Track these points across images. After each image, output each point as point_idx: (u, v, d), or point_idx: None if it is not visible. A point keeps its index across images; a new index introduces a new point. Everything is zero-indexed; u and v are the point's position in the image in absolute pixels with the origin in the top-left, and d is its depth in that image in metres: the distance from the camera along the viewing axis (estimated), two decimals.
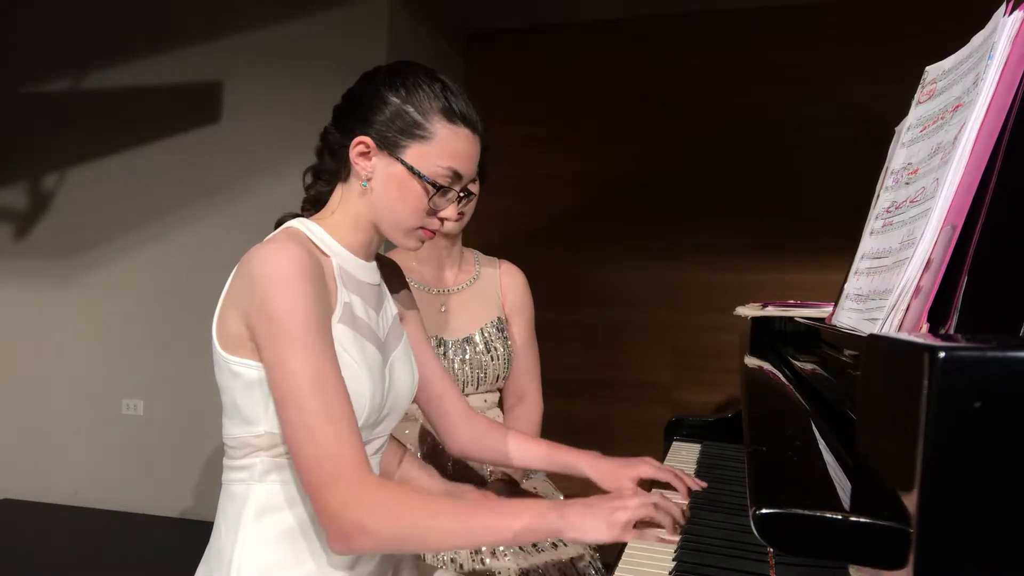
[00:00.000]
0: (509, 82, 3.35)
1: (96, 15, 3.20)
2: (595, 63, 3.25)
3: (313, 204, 1.13)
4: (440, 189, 1.04)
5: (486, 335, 1.58)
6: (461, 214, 1.56)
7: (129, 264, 3.21)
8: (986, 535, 0.42)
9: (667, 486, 1.16)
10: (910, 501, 0.44)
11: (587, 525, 0.88)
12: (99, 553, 2.80)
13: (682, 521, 0.96)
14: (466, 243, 1.69)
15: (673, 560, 0.95)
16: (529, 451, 1.25)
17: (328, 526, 0.89)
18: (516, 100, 3.32)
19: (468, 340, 1.57)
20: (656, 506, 0.92)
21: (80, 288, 3.26)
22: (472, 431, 1.25)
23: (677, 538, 0.98)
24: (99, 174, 3.23)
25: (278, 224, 1.11)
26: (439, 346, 1.54)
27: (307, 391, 0.91)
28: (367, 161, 1.04)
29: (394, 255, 1.60)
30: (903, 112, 1.01)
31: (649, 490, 1.09)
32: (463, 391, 1.56)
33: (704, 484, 1.16)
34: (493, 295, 1.64)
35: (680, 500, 1.09)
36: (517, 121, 3.27)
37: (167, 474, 3.13)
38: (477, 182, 1.55)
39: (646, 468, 1.17)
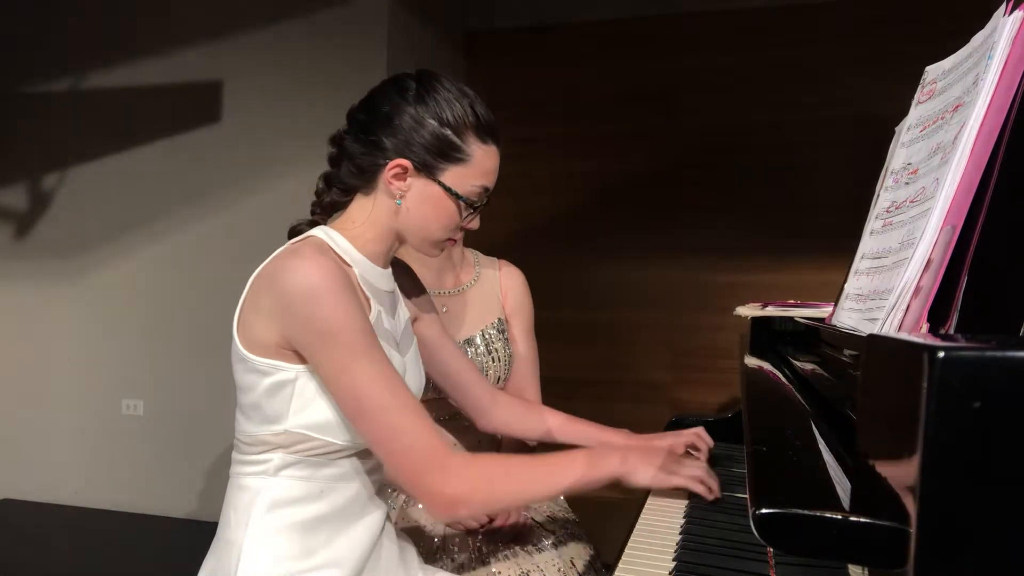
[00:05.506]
0: (509, 82, 3.34)
1: (96, 15, 3.20)
2: (595, 63, 3.25)
3: (326, 211, 1.13)
4: (474, 207, 1.07)
5: (487, 336, 1.58)
6: None
7: (129, 264, 3.20)
8: (986, 535, 0.42)
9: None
10: (910, 501, 0.44)
11: (643, 471, 1.04)
12: (99, 553, 2.80)
13: (719, 495, 1.09)
14: (466, 243, 1.68)
15: (673, 560, 0.96)
16: (576, 429, 1.35)
17: (433, 504, 0.99)
18: (516, 100, 3.31)
19: (469, 341, 1.56)
20: (700, 480, 1.08)
21: (80, 288, 3.26)
22: (510, 414, 1.35)
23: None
24: (99, 174, 3.22)
25: (292, 231, 1.10)
26: None
27: (382, 393, 0.95)
28: (402, 182, 1.05)
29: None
30: (903, 112, 1.01)
31: None
32: None
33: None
34: (493, 296, 1.64)
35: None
36: (517, 121, 3.26)
37: (167, 474, 3.13)
38: None
39: (671, 440, 1.30)
